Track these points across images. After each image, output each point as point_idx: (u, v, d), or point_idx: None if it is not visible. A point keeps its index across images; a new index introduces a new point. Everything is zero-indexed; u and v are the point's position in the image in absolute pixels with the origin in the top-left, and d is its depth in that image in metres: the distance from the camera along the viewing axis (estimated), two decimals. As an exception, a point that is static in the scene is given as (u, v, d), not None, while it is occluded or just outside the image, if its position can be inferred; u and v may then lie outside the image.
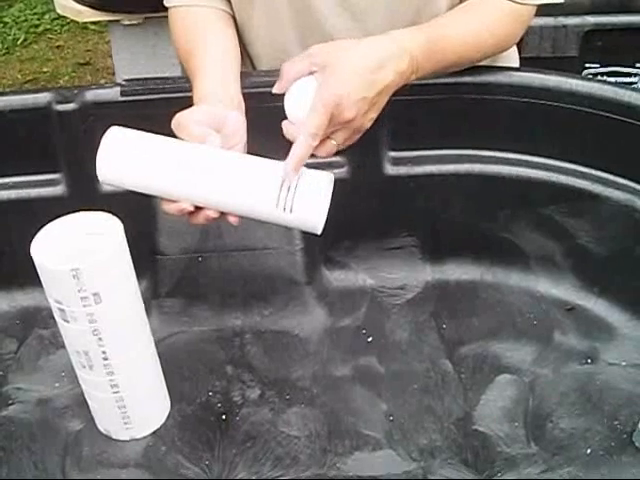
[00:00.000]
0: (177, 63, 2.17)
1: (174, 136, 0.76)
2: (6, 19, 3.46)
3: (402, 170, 0.98)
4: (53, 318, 0.76)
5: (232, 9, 0.99)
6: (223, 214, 0.74)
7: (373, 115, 0.79)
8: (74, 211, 0.78)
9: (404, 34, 0.82)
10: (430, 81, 0.92)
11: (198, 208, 0.73)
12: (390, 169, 0.98)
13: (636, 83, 1.89)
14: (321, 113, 0.73)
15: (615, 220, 0.93)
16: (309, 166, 0.74)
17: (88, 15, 2.05)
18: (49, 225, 0.76)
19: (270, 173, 0.72)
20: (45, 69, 3.05)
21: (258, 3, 0.96)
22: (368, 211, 1.01)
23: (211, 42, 0.92)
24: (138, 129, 0.76)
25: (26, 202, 0.98)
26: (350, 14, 0.94)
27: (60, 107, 0.92)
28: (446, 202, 0.99)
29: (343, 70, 0.75)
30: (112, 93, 0.94)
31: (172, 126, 0.76)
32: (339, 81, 0.74)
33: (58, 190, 0.98)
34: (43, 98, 0.93)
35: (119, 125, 0.76)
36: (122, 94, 0.93)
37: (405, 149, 0.98)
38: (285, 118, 0.78)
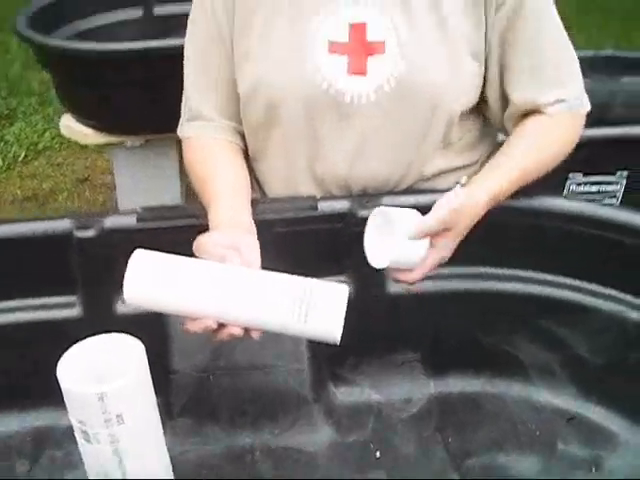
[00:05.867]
0: (177, 182, 2.26)
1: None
2: (7, 137, 3.57)
3: (405, 287, 1.03)
4: (66, 439, 0.79)
5: (241, 140, 1.06)
6: (247, 330, 0.79)
7: None
8: (90, 332, 0.81)
9: (490, 194, 0.94)
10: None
11: (221, 325, 0.78)
12: (393, 286, 1.03)
13: (618, 190, 1.99)
14: (427, 267, 0.91)
15: (608, 330, 0.97)
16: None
17: (92, 137, 2.16)
18: (73, 347, 0.79)
19: (289, 287, 0.78)
20: (44, 185, 3.13)
21: (275, 138, 1.04)
22: (372, 328, 1.04)
23: (224, 172, 1.00)
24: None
25: (41, 324, 1.01)
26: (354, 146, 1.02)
27: (80, 234, 0.97)
28: (447, 317, 1.04)
29: (453, 241, 0.92)
30: (129, 220, 0.99)
31: (194, 248, 0.83)
32: (448, 248, 0.92)
33: (74, 312, 1.01)
34: (63, 225, 0.98)
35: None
36: (138, 221, 0.99)
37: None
38: None
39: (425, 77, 0.96)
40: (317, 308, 0.76)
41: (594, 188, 1.98)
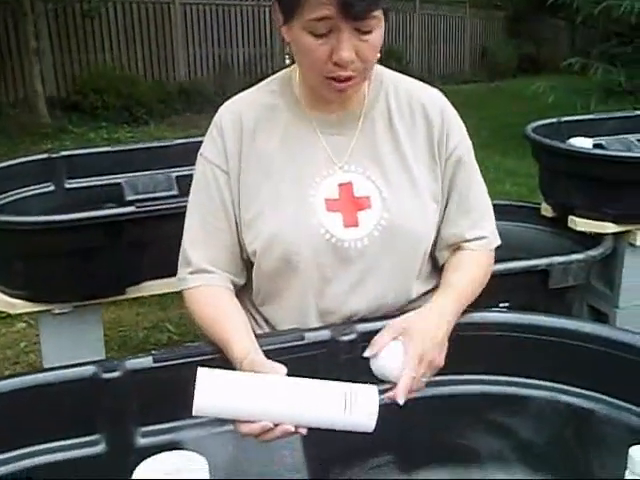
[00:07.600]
0: (101, 348, 2.37)
1: None
2: None
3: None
4: None
5: (234, 287, 1.29)
6: (296, 427, 0.98)
7: (442, 355, 1.17)
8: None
9: (446, 311, 1.21)
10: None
11: (276, 424, 0.98)
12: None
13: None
14: (414, 363, 1.12)
15: (544, 413, 1.22)
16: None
17: (20, 307, 2.25)
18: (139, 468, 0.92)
19: (334, 390, 0.99)
20: None
21: (290, 282, 1.26)
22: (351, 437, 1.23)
23: (234, 313, 1.23)
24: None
25: (65, 463, 1.11)
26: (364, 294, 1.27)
27: (107, 375, 1.12)
28: (417, 421, 1.24)
29: (418, 338, 1.15)
30: (147, 362, 1.15)
31: (245, 367, 1.07)
32: (418, 345, 1.13)
33: (98, 449, 1.13)
34: (88, 370, 1.13)
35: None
36: (155, 361, 1.15)
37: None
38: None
39: (405, 223, 1.25)
40: (359, 404, 0.98)
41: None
